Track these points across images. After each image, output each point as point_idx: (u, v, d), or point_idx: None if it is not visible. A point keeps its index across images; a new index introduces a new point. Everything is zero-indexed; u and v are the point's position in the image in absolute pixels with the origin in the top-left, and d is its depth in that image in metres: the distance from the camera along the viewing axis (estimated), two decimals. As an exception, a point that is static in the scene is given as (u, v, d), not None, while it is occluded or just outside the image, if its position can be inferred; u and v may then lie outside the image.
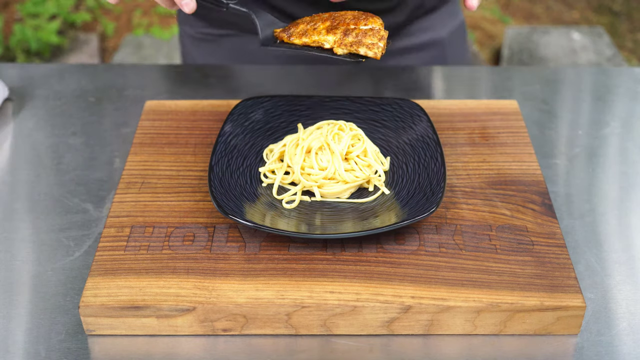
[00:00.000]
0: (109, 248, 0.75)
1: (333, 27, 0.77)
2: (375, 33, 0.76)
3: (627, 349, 0.70)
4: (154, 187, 0.82)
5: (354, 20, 0.77)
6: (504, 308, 0.69)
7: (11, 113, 1.02)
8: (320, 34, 0.77)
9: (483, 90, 1.09)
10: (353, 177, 0.80)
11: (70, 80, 1.09)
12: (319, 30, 0.78)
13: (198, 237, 0.76)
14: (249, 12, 0.81)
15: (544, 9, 3.31)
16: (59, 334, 0.71)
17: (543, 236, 0.76)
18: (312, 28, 0.78)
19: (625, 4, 3.36)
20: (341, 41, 0.76)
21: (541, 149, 0.95)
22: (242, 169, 0.83)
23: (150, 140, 0.90)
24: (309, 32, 0.78)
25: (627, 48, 3.06)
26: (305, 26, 0.79)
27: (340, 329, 0.71)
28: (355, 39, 0.75)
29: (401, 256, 0.73)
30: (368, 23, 0.77)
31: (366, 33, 0.76)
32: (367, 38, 0.75)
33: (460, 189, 0.82)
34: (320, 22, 0.79)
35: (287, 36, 0.79)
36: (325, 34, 0.77)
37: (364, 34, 0.76)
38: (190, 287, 0.70)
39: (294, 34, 0.79)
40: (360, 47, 0.75)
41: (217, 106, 0.95)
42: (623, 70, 1.15)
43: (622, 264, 0.78)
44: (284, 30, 0.80)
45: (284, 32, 0.80)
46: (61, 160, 0.94)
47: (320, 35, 0.77)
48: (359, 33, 0.76)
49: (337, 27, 0.77)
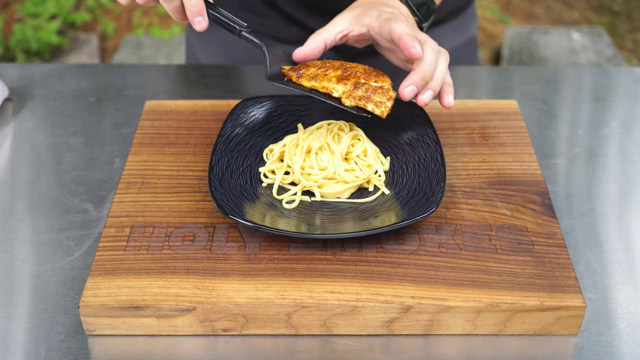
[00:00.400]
0: (109, 248, 0.75)
1: (344, 78, 0.79)
2: (385, 92, 0.77)
3: (627, 349, 0.70)
4: (154, 187, 0.82)
5: (365, 75, 0.79)
6: (504, 308, 0.69)
7: (11, 113, 1.02)
8: (331, 81, 0.79)
9: (483, 90, 1.09)
10: (353, 177, 0.80)
11: (70, 80, 1.09)
12: (330, 78, 0.79)
13: (198, 237, 0.76)
14: (260, 44, 0.83)
15: (544, 9, 3.31)
16: (59, 334, 0.71)
17: (543, 236, 0.76)
18: (323, 74, 0.80)
19: (625, 4, 3.36)
20: (350, 93, 0.77)
21: (541, 149, 0.95)
22: (242, 169, 0.83)
23: (150, 140, 0.90)
24: (319, 77, 0.79)
25: (627, 48, 3.07)
26: (316, 70, 0.80)
27: (340, 329, 0.71)
28: (364, 94, 0.77)
29: (401, 256, 0.73)
30: (378, 81, 0.79)
31: (376, 90, 0.77)
32: (376, 95, 0.77)
33: (460, 189, 0.82)
34: (331, 69, 0.80)
35: (297, 76, 0.80)
36: (335, 82, 0.78)
37: (373, 90, 0.77)
38: (190, 287, 0.70)
39: (304, 76, 0.80)
40: (368, 102, 0.77)
41: (217, 106, 0.95)
42: (623, 70, 1.15)
43: (622, 264, 0.78)
44: (294, 70, 0.81)
45: (294, 72, 0.81)
46: (61, 160, 0.94)
47: (330, 83, 0.79)
48: (369, 89, 0.77)
49: (347, 78, 0.79)
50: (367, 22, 0.83)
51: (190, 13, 0.80)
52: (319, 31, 0.84)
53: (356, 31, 0.84)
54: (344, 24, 0.84)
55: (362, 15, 0.84)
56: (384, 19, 0.81)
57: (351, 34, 0.85)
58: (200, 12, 0.80)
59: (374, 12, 0.83)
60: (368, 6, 0.85)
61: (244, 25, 0.83)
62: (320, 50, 0.83)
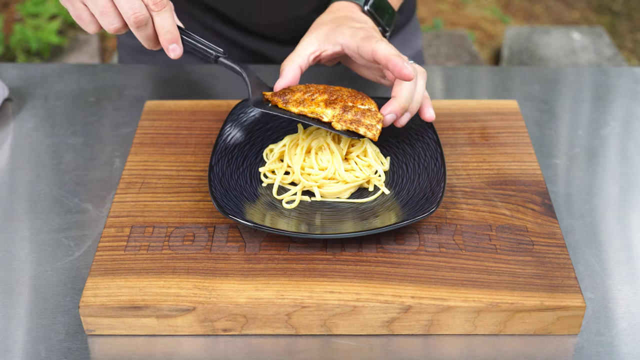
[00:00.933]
0: (109, 248, 0.75)
1: (331, 102, 0.78)
2: (373, 115, 0.78)
3: (627, 349, 0.70)
4: (154, 187, 0.82)
5: (352, 98, 0.79)
6: (504, 308, 0.69)
7: (11, 113, 1.02)
8: (319, 105, 0.78)
9: (483, 90, 1.09)
10: (353, 177, 0.80)
11: (70, 80, 1.09)
12: (317, 102, 0.79)
13: (198, 237, 0.76)
14: (240, 71, 0.81)
15: (544, 9, 3.31)
16: (59, 334, 0.71)
17: (543, 236, 0.76)
18: (310, 98, 0.79)
19: (625, 4, 3.36)
20: (340, 117, 0.77)
21: (541, 149, 0.95)
22: (242, 169, 0.83)
23: (150, 140, 0.90)
24: (307, 101, 0.79)
25: (627, 48, 3.07)
26: (302, 95, 0.80)
27: (340, 329, 0.71)
28: (354, 117, 0.77)
29: (401, 256, 0.73)
30: (365, 103, 0.79)
31: (364, 113, 0.77)
32: (366, 118, 0.77)
33: (460, 189, 0.82)
34: (317, 93, 0.80)
35: (284, 102, 0.79)
36: (323, 107, 0.78)
37: (362, 113, 0.77)
38: (190, 287, 0.70)
39: (291, 102, 0.79)
40: (360, 126, 0.77)
41: (217, 106, 0.95)
42: (623, 70, 1.15)
43: (622, 264, 0.78)
44: (278, 95, 0.80)
45: (279, 97, 0.80)
46: (61, 160, 0.94)
47: (319, 108, 0.78)
48: (358, 112, 0.77)
49: (335, 101, 0.79)
50: (340, 40, 0.82)
51: (164, 40, 0.78)
52: (291, 57, 0.83)
53: (329, 50, 0.83)
54: (313, 44, 0.83)
55: (332, 34, 0.83)
56: (361, 38, 0.80)
57: (324, 54, 0.84)
58: (174, 40, 0.78)
59: (345, 30, 0.82)
60: (335, 23, 0.84)
61: (221, 51, 0.81)
62: (298, 76, 0.82)
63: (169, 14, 0.77)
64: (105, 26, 0.77)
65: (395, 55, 0.76)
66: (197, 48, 0.81)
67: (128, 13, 0.75)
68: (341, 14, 0.87)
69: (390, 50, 0.77)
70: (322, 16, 0.87)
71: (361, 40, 0.80)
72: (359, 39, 0.80)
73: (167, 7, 0.77)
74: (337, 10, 0.88)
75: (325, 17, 0.87)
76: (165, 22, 0.77)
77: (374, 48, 0.78)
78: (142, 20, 0.76)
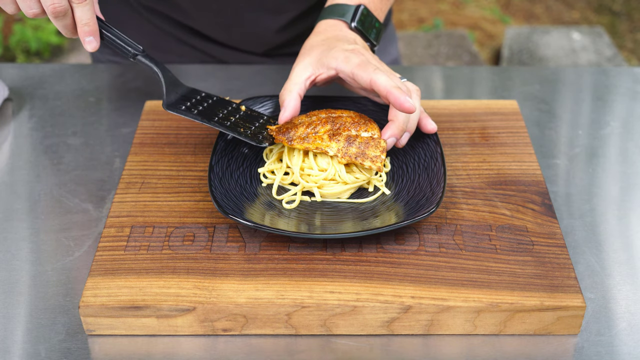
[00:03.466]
0: (109, 248, 0.75)
1: (335, 133, 0.79)
2: (377, 143, 0.78)
3: (627, 349, 0.70)
4: (154, 187, 0.82)
5: (354, 125, 0.80)
6: (504, 308, 0.69)
7: (11, 113, 1.02)
8: (323, 140, 0.79)
9: (483, 90, 1.09)
10: (353, 179, 0.80)
11: (70, 80, 1.09)
12: (321, 136, 0.79)
13: (198, 237, 0.76)
14: (156, 70, 0.82)
15: (544, 9, 3.31)
16: (59, 334, 0.71)
17: (543, 236, 0.76)
18: (313, 132, 0.79)
19: (625, 4, 3.36)
20: (345, 151, 0.78)
21: (541, 149, 0.95)
22: (242, 169, 0.83)
23: (150, 140, 0.90)
24: (310, 136, 0.79)
25: (627, 48, 3.07)
26: (304, 129, 0.80)
27: (340, 329, 0.71)
28: (358, 150, 0.78)
29: (401, 256, 0.73)
30: (368, 129, 0.80)
31: (368, 143, 0.78)
32: (370, 149, 0.78)
33: (460, 189, 0.82)
34: (319, 124, 0.80)
35: (288, 140, 0.79)
36: (327, 139, 0.79)
37: (366, 144, 0.78)
38: (190, 287, 0.70)
39: (295, 139, 0.79)
40: (364, 160, 0.78)
41: (217, 106, 0.95)
42: (623, 70, 1.15)
43: (622, 264, 0.78)
44: (282, 133, 0.80)
45: (282, 135, 0.80)
46: (61, 160, 0.94)
47: (323, 142, 0.79)
48: (362, 142, 0.78)
49: (338, 132, 0.79)
50: (333, 65, 0.82)
51: (82, 32, 0.79)
52: (288, 86, 0.82)
53: (324, 74, 0.83)
54: (308, 70, 0.83)
55: (325, 58, 0.82)
56: (357, 65, 0.80)
57: (319, 78, 0.83)
58: (91, 33, 0.79)
59: (338, 54, 0.82)
60: (326, 46, 0.84)
61: (140, 49, 0.82)
62: (299, 105, 0.82)
63: (89, 7, 0.78)
64: (24, 10, 0.78)
65: (395, 88, 0.76)
66: (116, 43, 0.82)
67: (47, 2, 0.76)
68: (330, 34, 0.86)
69: (390, 82, 0.77)
70: (310, 38, 0.87)
71: (356, 67, 0.80)
72: (354, 66, 0.80)
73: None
74: (325, 31, 0.87)
75: (315, 40, 0.86)
76: (84, 14, 0.78)
77: (373, 79, 0.78)
78: (61, 11, 0.77)
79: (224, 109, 0.84)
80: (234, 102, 0.86)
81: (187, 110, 0.80)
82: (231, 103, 0.86)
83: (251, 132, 0.81)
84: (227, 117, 0.82)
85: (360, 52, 0.82)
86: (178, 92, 0.83)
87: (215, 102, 0.84)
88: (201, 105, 0.83)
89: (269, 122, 0.84)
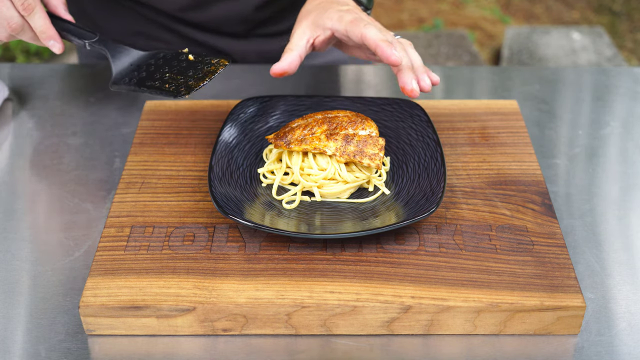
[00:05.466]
0: (109, 248, 0.75)
1: (332, 133, 0.79)
2: (375, 141, 0.79)
3: (627, 349, 0.70)
4: (154, 187, 0.82)
5: (351, 124, 0.80)
6: (504, 308, 0.69)
7: (11, 113, 1.02)
8: (320, 140, 0.79)
9: (483, 90, 1.09)
10: (353, 178, 0.80)
11: (70, 80, 1.09)
12: (318, 136, 0.79)
13: (198, 237, 0.76)
14: (106, 52, 0.86)
15: (544, 9, 3.31)
16: (59, 334, 0.71)
17: (543, 236, 0.76)
18: (310, 133, 0.80)
19: (625, 4, 3.36)
20: (344, 150, 0.78)
21: (541, 149, 0.95)
22: (242, 169, 0.83)
23: (150, 140, 0.90)
24: (308, 137, 0.79)
25: (627, 48, 3.07)
26: (301, 131, 0.80)
27: (340, 329, 0.71)
28: (357, 148, 0.78)
29: (401, 256, 0.73)
30: (365, 127, 0.80)
31: (366, 141, 0.78)
32: (368, 147, 0.78)
33: (460, 189, 0.82)
34: (316, 125, 0.80)
35: (286, 144, 0.79)
36: (325, 139, 0.79)
37: (364, 142, 0.78)
38: (190, 287, 0.70)
39: (293, 142, 0.79)
40: (363, 158, 0.78)
41: (217, 106, 0.95)
42: (623, 70, 1.15)
43: (622, 264, 0.78)
44: (280, 138, 0.80)
45: (280, 140, 0.80)
46: (61, 160, 0.94)
47: (321, 142, 0.79)
48: (360, 140, 0.78)
49: (335, 132, 0.79)
50: (329, 25, 0.83)
51: (42, 39, 0.86)
52: (290, 46, 0.83)
53: (321, 36, 0.84)
54: (306, 33, 0.84)
55: (320, 20, 0.84)
56: (349, 21, 0.81)
57: (317, 40, 0.84)
58: (50, 37, 0.86)
59: (332, 14, 0.83)
60: (320, 9, 0.85)
61: (91, 36, 0.87)
62: (297, 65, 0.83)
63: (39, 14, 0.84)
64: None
65: (384, 41, 0.77)
66: (70, 39, 0.87)
67: (4, 24, 0.83)
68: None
69: (379, 35, 0.78)
70: (305, 6, 0.89)
71: (349, 23, 0.81)
72: (347, 23, 0.81)
73: (37, 8, 0.84)
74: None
75: (309, 6, 0.88)
76: (37, 22, 0.85)
77: (363, 32, 0.79)
78: (17, 27, 0.84)
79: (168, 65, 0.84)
80: (183, 52, 0.85)
81: (129, 83, 0.83)
82: (180, 55, 0.85)
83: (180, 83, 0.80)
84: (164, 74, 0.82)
85: (353, 11, 0.83)
86: (133, 65, 0.85)
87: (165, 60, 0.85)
88: (147, 70, 0.84)
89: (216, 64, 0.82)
